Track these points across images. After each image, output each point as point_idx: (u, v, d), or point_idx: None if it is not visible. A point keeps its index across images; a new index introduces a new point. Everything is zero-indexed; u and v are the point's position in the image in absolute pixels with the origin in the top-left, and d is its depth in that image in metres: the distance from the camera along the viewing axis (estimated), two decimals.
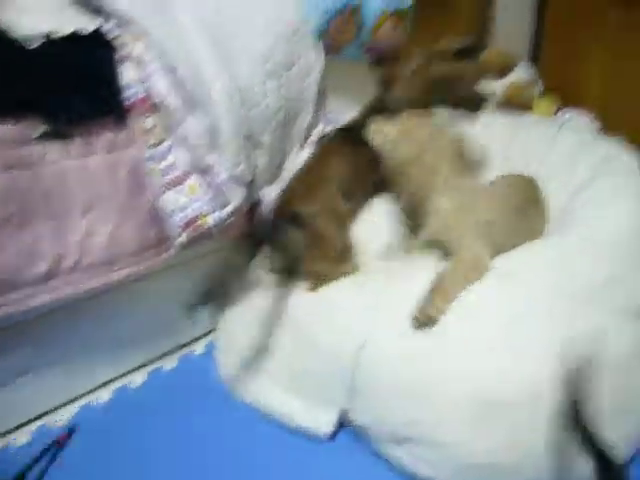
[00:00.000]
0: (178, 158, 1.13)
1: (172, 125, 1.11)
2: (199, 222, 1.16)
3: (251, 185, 1.26)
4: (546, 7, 2.09)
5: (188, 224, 1.16)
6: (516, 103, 1.80)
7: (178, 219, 1.14)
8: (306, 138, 1.35)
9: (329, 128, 1.42)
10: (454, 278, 1.02)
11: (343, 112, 1.48)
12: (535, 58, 2.14)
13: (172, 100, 1.09)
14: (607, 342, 0.98)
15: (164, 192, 1.13)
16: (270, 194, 1.31)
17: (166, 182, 1.13)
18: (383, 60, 1.44)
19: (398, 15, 1.43)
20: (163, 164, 1.13)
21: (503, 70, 1.80)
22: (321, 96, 1.39)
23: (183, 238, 1.16)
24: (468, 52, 1.84)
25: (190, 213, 1.15)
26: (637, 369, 1.02)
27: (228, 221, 1.19)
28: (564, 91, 2.05)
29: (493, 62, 1.77)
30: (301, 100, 1.29)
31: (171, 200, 1.14)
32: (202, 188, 1.15)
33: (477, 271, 1.04)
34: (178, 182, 1.14)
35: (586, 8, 2.01)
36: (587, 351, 0.94)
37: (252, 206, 1.30)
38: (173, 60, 1.09)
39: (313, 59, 1.31)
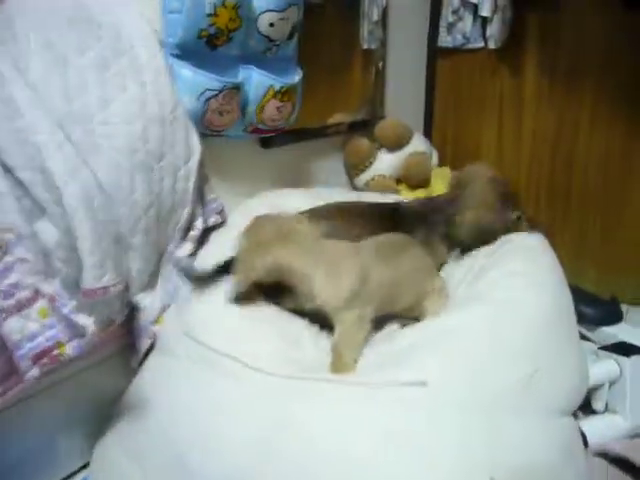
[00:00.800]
0: (23, 276, 0.92)
1: (14, 238, 0.90)
2: (55, 352, 0.94)
3: (125, 293, 1.07)
4: (436, 80, 2.10)
5: (41, 355, 0.93)
6: (416, 172, 1.74)
7: (26, 350, 0.92)
8: (185, 233, 1.17)
9: (213, 219, 1.26)
10: (345, 342, 1.00)
11: (231, 199, 1.34)
12: (428, 130, 2.13)
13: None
14: (534, 447, 0.88)
15: (5, 318, 0.90)
16: (148, 300, 1.12)
17: (8, 306, 0.91)
18: None
19: (285, 92, 1.31)
20: (4, 283, 0.91)
21: (399, 141, 1.75)
22: (202, 184, 1.23)
23: (35, 372, 0.93)
24: (363, 125, 1.78)
25: (43, 342, 0.93)
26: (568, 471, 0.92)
27: (92, 344, 0.98)
28: (460, 161, 2.04)
29: (388, 134, 1.71)
30: (177, 192, 1.12)
31: (16, 328, 0.91)
32: (56, 311, 0.94)
33: (362, 329, 1.02)
34: (24, 305, 0.92)
35: (471, 79, 2.03)
36: (514, 460, 0.85)
37: (129, 315, 1.11)
38: (11, 158, 0.89)
39: (190, 145, 1.15)
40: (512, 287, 1.06)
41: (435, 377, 0.88)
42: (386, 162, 1.75)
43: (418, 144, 1.78)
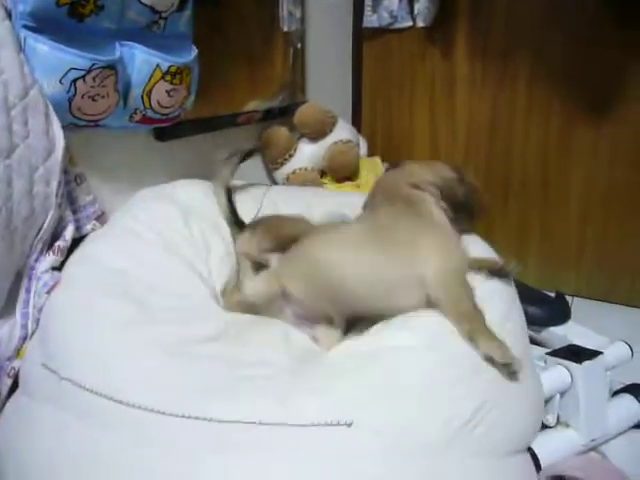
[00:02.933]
0: None
1: None
2: None
3: None
4: (363, 63, 1.93)
5: None
6: (341, 162, 1.56)
7: None
8: (51, 244, 0.95)
9: (90, 226, 1.04)
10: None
11: (118, 201, 1.13)
12: (356, 117, 1.96)
13: None
14: None
15: None
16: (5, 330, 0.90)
17: None
18: None
19: (175, 73, 1.10)
20: None
21: (321, 129, 1.56)
22: (74, 185, 1.01)
23: None
24: (281, 112, 1.59)
25: None
26: None
27: None
28: (391, 150, 1.90)
29: (308, 122, 1.53)
30: (35, 196, 0.90)
31: None
32: None
33: None
34: None
35: (401, 61, 1.88)
36: None
37: None
38: None
39: (51, 138, 0.93)
40: None
41: (361, 415, 0.70)
42: (308, 153, 1.57)
43: (343, 132, 1.60)
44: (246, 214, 1.19)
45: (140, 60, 1.07)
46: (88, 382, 0.78)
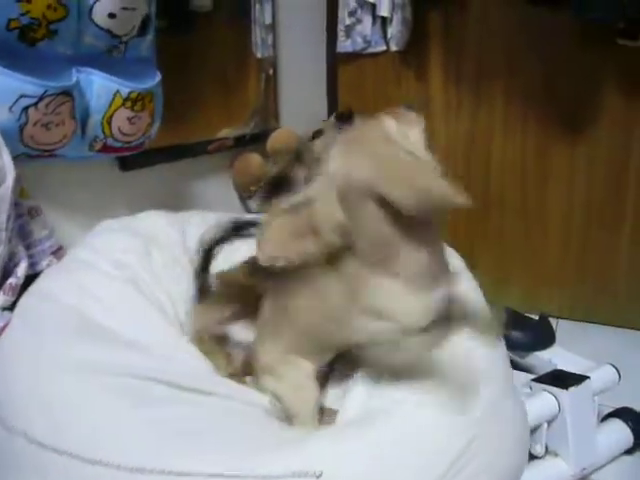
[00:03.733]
0: None
1: None
2: None
3: None
4: (338, 88, 1.91)
5: None
6: None
7: None
8: (1, 281, 0.90)
9: (46, 262, 0.98)
10: None
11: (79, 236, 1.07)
12: None
13: None
14: None
15: None
16: None
17: None
18: None
19: (137, 100, 1.07)
20: None
21: (297, 155, 1.53)
22: (28, 219, 0.96)
23: None
24: (253, 139, 1.56)
25: None
26: None
27: None
28: None
29: (282, 148, 1.49)
30: None
31: None
32: None
33: None
34: None
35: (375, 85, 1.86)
36: None
37: None
38: None
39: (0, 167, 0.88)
40: None
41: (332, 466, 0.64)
42: None
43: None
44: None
45: (98, 86, 1.03)
46: (35, 432, 0.72)
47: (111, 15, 1.00)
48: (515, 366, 1.29)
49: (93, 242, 1.04)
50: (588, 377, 1.09)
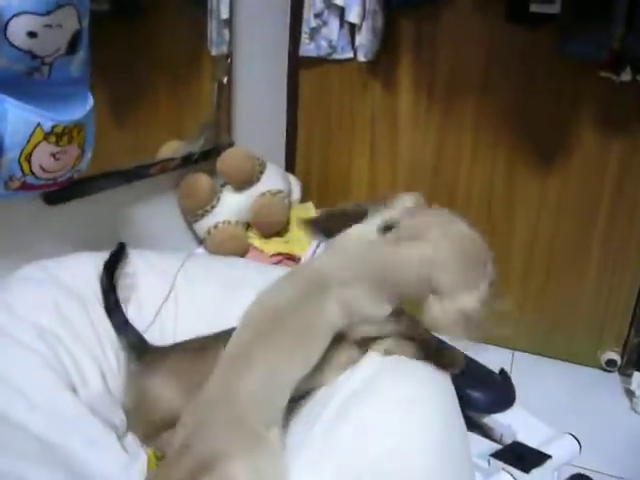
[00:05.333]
0: None
1: None
2: None
3: None
4: (298, 97, 1.76)
5: None
6: (268, 217, 1.40)
7: None
8: None
9: None
10: None
11: None
12: (290, 158, 1.80)
13: None
14: None
15: None
16: None
17: None
18: None
19: (62, 134, 0.90)
20: None
21: (246, 177, 1.39)
22: None
23: None
24: (203, 157, 1.41)
25: None
26: None
27: None
28: (327, 194, 1.75)
29: (232, 171, 1.35)
30: None
31: None
32: None
33: None
34: None
35: (340, 95, 1.73)
36: None
37: None
38: None
39: None
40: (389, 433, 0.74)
41: None
42: (232, 204, 1.39)
43: (272, 180, 1.43)
44: (156, 297, 1.00)
45: (15, 118, 0.86)
46: None
47: (31, 34, 0.83)
48: (473, 426, 1.23)
49: (7, 299, 0.89)
50: (549, 456, 1.03)
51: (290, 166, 1.77)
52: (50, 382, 0.80)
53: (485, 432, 1.22)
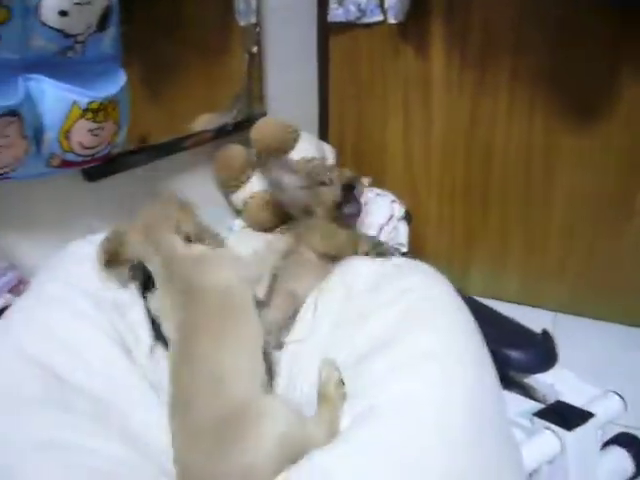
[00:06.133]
0: None
1: None
2: None
3: None
4: (329, 64, 1.75)
5: None
6: None
7: None
8: None
9: (2, 301, 0.87)
10: None
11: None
12: (323, 126, 1.79)
13: None
14: None
15: None
16: None
17: None
18: None
19: (98, 110, 0.93)
20: None
21: (281, 146, 1.40)
22: None
23: None
24: (236, 129, 1.42)
25: None
26: None
27: None
28: (362, 159, 1.74)
29: (266, 139, 1.36)
30: None
31: None
32: None
33: None
34: None
35: (371, 60, 1.70)
36: None
37: None
38: None
39: None
40: (415, 382, 0.75)
41: None
42: None
43: (306, 147, 1.43)
44: None
45: (52, 98, 0.89)
46: None
47: (62, 13, 0.85)
48: (514, 386, 1.23)
49: (59, 271, 0.93)
50: (593, 414, 1.02)
51: (323, 134, 1.76)
52: (107, 348, 0.84)
53: (527, 392, 1.21)
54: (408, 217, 1.47)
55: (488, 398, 0.79)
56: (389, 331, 0.83)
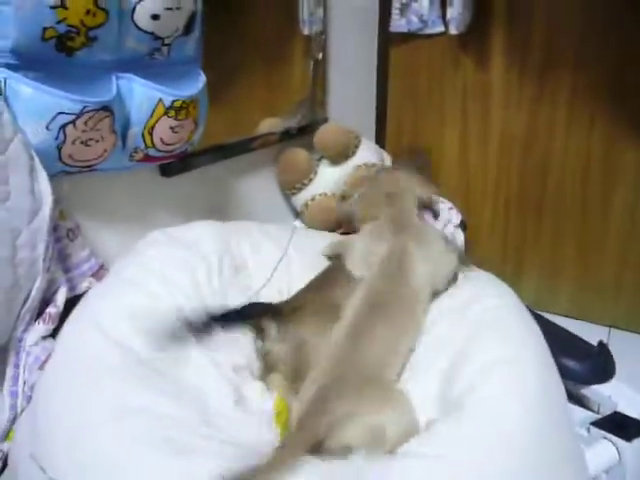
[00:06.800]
0: None
1: None
2: None
3: None
4: (389, 73, 1.78)
5: None
6: None
7: None
8: (40, 309, 0.85)
9: (85, 284, 0.93)
10: None
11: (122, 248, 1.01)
12: (381, 133, 1.82)
13: None
14: None
15: None
16: None
17: None
18: None
19: (180, 108, 0.98)
20: None
21: (343, 151, 1.44)
22: (66, 242, 0.91)
23: None
24: (300, 133, 1.46)
25: None
26: None
27: None
28: None
29: (329, 143, 1.40)
30: (18, 265, 0.80)
31: None
32: None
33: None
34: None
35: (430, 70, 1.73)
36: None
37: None
38: None
39: (36, 196, 0.82)
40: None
41: None
42: (329, 177, 1.44)
43: (366, 153, 1.47)
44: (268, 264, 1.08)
45: (140, 95, 0.95)
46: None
47: (154, 17, 0.91)
48: (569, 397, 1.22)
49: (139, 258, 0.99)
50: None
51: (380, 141, 1.80)
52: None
53: (582, 402, 1.21)
54: (463, 225, 1.48)
55: (559, 402, 0.81)
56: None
